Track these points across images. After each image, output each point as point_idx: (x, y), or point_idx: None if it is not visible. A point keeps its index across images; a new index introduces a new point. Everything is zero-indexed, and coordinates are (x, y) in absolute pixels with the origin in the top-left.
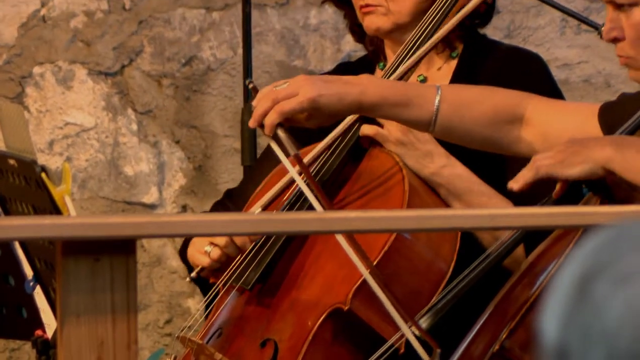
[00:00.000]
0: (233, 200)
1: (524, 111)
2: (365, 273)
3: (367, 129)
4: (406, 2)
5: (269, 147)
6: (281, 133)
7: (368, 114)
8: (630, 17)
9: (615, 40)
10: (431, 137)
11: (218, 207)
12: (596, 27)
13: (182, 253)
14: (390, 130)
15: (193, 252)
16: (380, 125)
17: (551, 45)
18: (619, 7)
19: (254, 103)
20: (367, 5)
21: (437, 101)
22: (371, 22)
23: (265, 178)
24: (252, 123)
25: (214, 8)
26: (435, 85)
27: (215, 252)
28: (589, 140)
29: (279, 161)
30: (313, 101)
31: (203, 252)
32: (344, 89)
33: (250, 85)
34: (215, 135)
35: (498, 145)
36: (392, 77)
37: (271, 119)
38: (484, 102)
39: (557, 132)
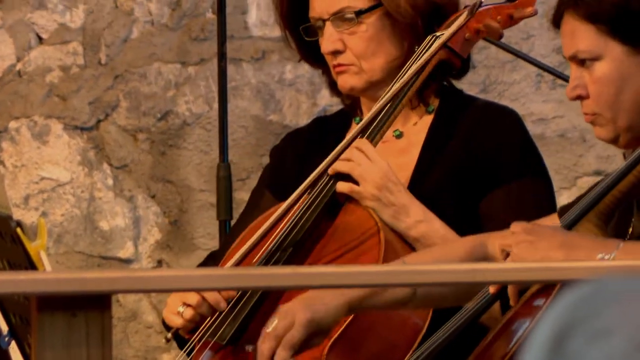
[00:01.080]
0: (216, 262)
1: (490, 250)
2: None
3: (342, 186)
4: (378, 60)
5: (249, 205)
6: None
7: (360, 311)
8: (593, 73)
9: (579, 98)
10: (407, 191)
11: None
12: None
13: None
14: (365, 187)
15: (167, 314)
16: (356, 182)
17: (526, 100)
18: (582, 63)
19: (259, 346)
20: (339, 65)
21: None
22: (345, 82)
23: (241, 234)
24: None
25: (189, 63)
26: (402, 260)
27: (188, 313)
28: (541, 237)
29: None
30: (311, 321)
31: (176, 313)
32: (329, 299)
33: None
34: (190, 189)
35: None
36: (365, 136)
37: (283, 357)
38: (452, 258)
39: None
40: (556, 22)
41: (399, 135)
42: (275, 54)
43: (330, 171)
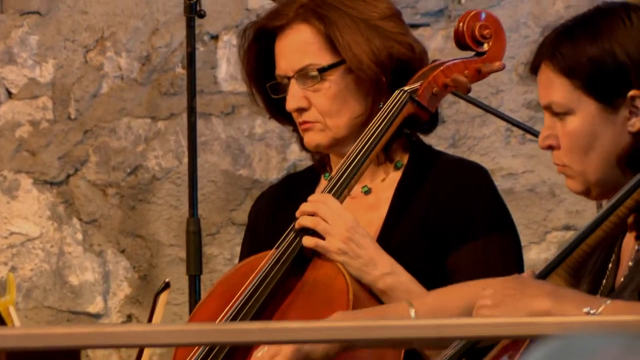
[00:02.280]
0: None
1: None
2: None
3: (308, 241)
4: (342, 117)
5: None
6: None
7: (355, 347)
8: (565, 125)
9: (550, 148)
10: (374, 244)
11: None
12: None
13: None
14: (331, 241)
15: None
16: (321, 237)
17: (496, 155)
18: (556, 114)
19: None
20: (305, 122)
21: (412, 314)
22: (311, 140)
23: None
24: None
25: (159, 117)
26: (406, 301)
27: None
28: (529, 286)
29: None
30: (298, 353)
31: None
32: None
33: None
34: (160, 244)
35: None
36: (333, 191)
37: None
38: (453, 301)
39: None
40: (534, 69)
41: (368, 192)
42: (245, 108)
43: (296, 225)
